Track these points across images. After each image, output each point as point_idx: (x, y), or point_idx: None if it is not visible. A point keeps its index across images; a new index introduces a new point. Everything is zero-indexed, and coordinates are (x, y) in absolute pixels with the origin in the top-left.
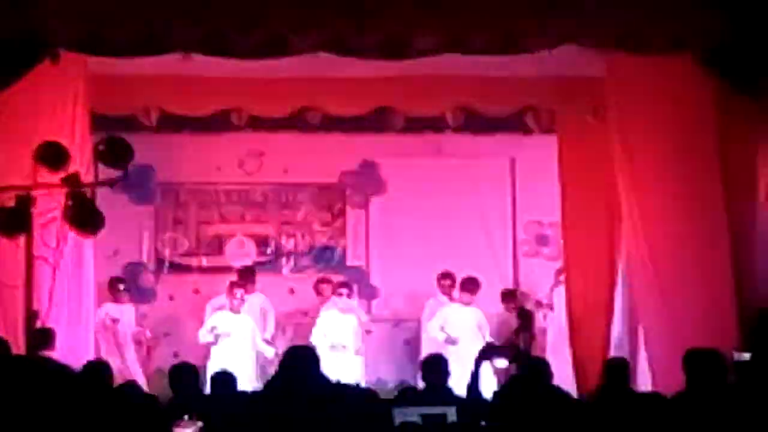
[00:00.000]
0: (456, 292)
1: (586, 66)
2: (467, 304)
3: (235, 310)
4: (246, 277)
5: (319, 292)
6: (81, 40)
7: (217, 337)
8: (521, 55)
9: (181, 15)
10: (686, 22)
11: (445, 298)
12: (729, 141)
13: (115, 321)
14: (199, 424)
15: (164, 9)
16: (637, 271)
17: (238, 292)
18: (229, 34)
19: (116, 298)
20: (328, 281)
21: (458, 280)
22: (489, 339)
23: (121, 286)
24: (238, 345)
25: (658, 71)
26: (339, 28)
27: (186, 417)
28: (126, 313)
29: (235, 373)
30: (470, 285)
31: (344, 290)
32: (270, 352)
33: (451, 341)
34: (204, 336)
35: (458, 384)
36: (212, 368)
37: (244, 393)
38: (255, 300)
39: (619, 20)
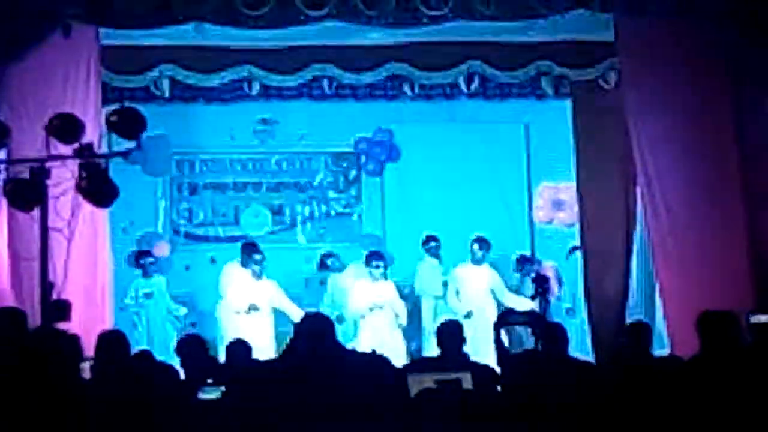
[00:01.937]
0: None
1: (600, 30)
2: (479, 263)
3: (257, 276)
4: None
5: (325, 266)
6: (92, 11)
7: (250, 308)
8: (533, 21)
9: None
10: None
11: (435, 261)
12: (743, 100)
13: (148, 296)
14: (222, 388)
15: None
16: (653, 234)
17: (258, 256)
18: (240, 3)
19: (146, 272)
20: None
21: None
22: (505, 299)
23: (150, 260)
24: (262, 312)
25: (669, 33)
26: None
27: (210, 381)
28: (156, 287)
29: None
30: (482, 242)
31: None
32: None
33: (467, 316)
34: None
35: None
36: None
37: (257, 362)
38: None
39: None
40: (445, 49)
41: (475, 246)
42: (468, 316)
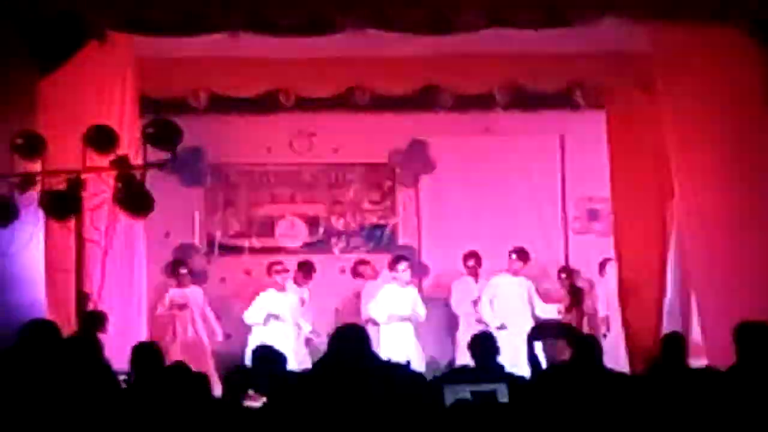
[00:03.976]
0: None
1: (634, 40)
2: (516, 273)
3: (280, 289)
4: (306, 270)
5: (358, 274)
6: (126, 19)
7: (267, 318)
8: (566, 29)
9: None
10: None
11: (471, 279)
12: None
13: (182, 307)
14: (264, 399)
15: None
16: (689, 244)
17: (279, 267)
18: (274, 11)
19: (180, 283)
20: (366, 263)
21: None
22: (540, 311)
23: (183, 270)
24: (285, 324)
25: (705, 42)
26: (384, 3)
27: (251, 391)
28: (193, 296)
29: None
30: (522, 254)
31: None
32: (307, 328)
33: (501, 327)
34: (252, 317)
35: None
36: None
37: (293, 372)
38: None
39: None
40: (480, 60)
41: (513, 256)
42: (501, 327)
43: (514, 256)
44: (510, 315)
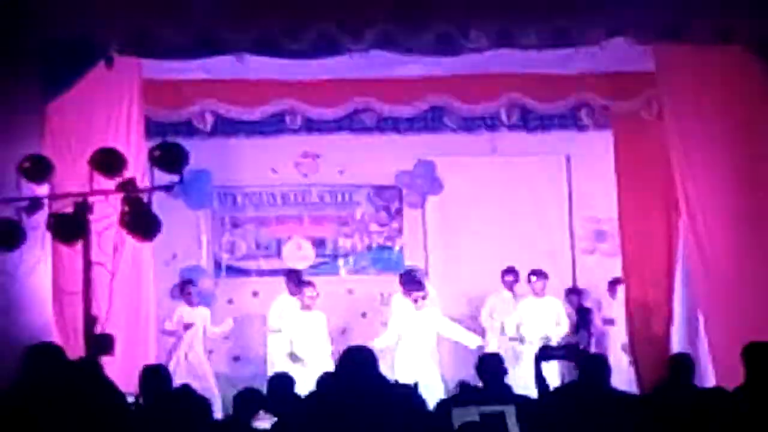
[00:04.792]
0: (519, 287)
1: (640, 61)
2: (540, 295)
3: (307, 308)
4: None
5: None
6: (133, 43)
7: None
8: (572, 50)
9: (232, 16)
10: (736, 12)
11: (509, 294)
12: None
13: (188, 326)
14: (274, 419)
15: (215, 11)
16: (697, 264)
17: (309, 289)
18: (281, 34)
19: (189, 302)
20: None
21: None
22: (564, 330)
23: (192, 289)
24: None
25: (711, 62)
26: (390, 26)
27: (261, 412)
28: (201, 316)
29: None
30: (539, 275)
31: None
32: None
33: (521, 340)
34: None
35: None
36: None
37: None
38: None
39: (667, 12)
40: (486, 81)
41: (533, 278)
42: (521, 341)
43: (533, 278)
44: (537, 337)
